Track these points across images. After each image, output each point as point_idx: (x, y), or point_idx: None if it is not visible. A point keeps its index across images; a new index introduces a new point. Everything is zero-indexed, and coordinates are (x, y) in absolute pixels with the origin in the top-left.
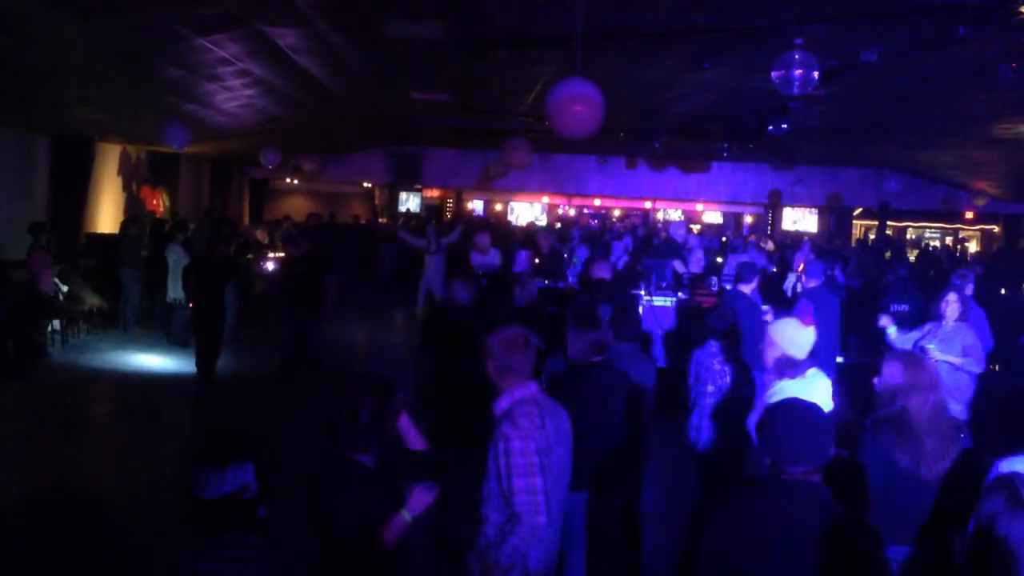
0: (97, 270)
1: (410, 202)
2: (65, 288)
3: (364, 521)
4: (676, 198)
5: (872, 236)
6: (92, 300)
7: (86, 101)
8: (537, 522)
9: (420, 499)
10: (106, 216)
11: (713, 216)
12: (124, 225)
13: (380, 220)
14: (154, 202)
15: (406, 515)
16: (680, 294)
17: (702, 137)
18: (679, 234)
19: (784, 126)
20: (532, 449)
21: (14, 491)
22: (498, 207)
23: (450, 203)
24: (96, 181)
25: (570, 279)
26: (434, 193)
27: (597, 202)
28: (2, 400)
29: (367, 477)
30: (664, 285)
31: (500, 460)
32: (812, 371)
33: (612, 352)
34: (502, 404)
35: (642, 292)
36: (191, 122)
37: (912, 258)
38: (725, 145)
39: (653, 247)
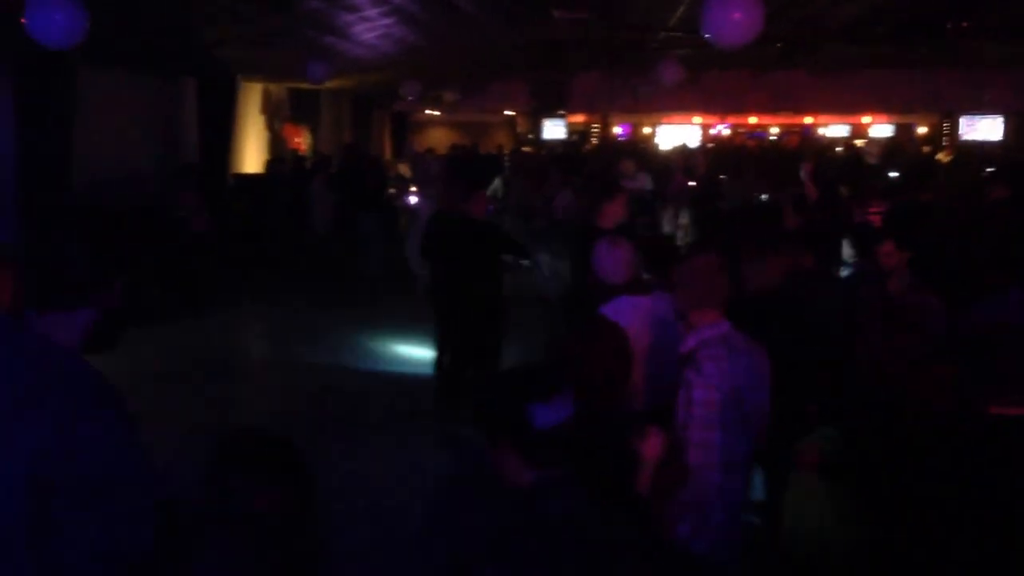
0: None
1: (555, 129)
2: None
3: None
4: (841, 112)
5: None
6: None
7: (228, 40)
8: (711, 479)
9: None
10: (251, 156)
11: (882, 129)
12: (269, 164)
13: (523, 149)
14: (297, 140)
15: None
16: None
17: (869, 42)
18: None
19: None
20: (715, 400)
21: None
22: (646, 130)
23: (595, 128)
24: (240, 121)
25: None
26: (579, 119)
27: (753, 120)
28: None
29: None
30: None
31: (680, 409)
32: None
33: None
34: (688, 343)
35: None
36: (330, 56)
37: None
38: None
39: None
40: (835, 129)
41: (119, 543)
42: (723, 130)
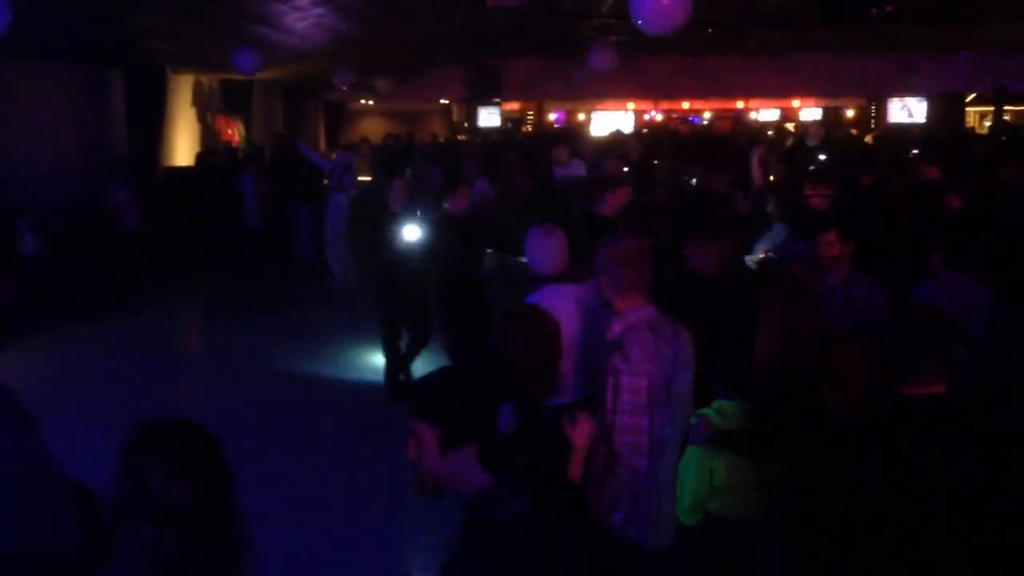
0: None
1: (490, 117)
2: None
3: None
4: (772, 96)
5: (988, 124)
6: None
7: (156, 31)
8: (638, 464)
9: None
10: (183, 149)
11: (811, 113)
12: (200, 157)
13: (459, 137)
14: (229, 131)
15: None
16: None
17: (799, 26)
18: None
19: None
20: (643, 386)
21: None
22: (581, 117)
23: (530, 115)
24: (171, 114)
25: None
26: (514, 106)
27: (686, 105)
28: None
29: None
30: None
31: (608, 395)
32: None
33: None
34: (614, 329)
35: None
36: (262, 46)
37: None
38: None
39: None
40: (766, 113)
41: (36, 542)
42: (656, 116)
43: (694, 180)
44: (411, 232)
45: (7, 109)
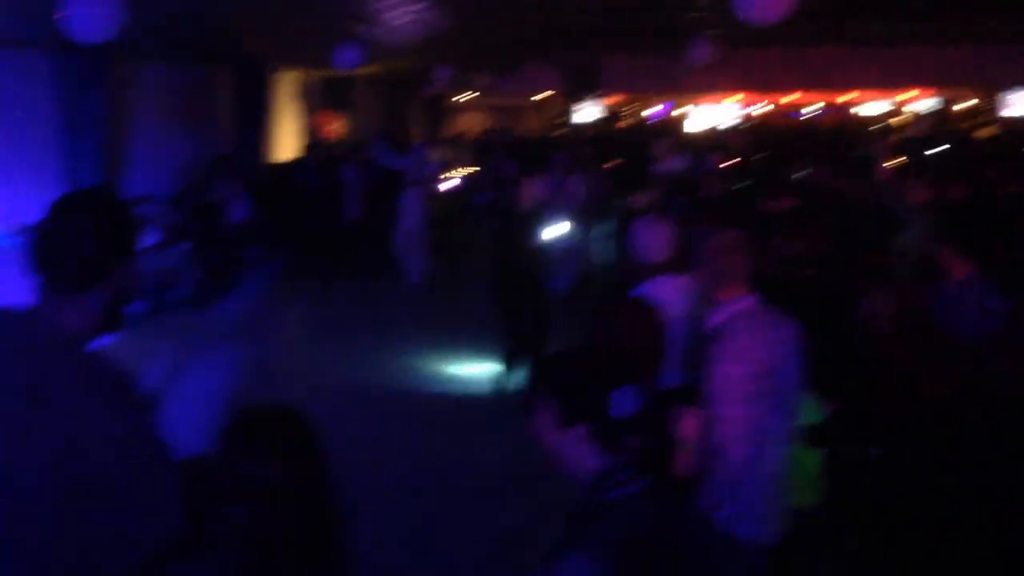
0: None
1: (586, 111)
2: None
3: None
4: (879, 88)
5: None
6: None
7: (262, 29)
8: (739, 456)
9: None
10: (285, 144)
11: (922, 105)
12: (303, 152)
13: (555, 133)
14: (330, 127)
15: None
16: None
17: (908, 14)
18: None
19: None
20: (742, 376)
21: None
22: (679, 111)
23: (627, 110)
24: (274, 110)
25: None
26: (611, 101)
27: (789, 98)
28: None
29: None
30: None
31: (707, 384)
32: None
33: None
34: (714, 319)
35: None
36: (363, 42)
37: None
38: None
39: None
40: (873, 106)
41: (146, 528)
42: (758, 109)
43: (802, 173)
44: (553, 231)
45: (122, 107)
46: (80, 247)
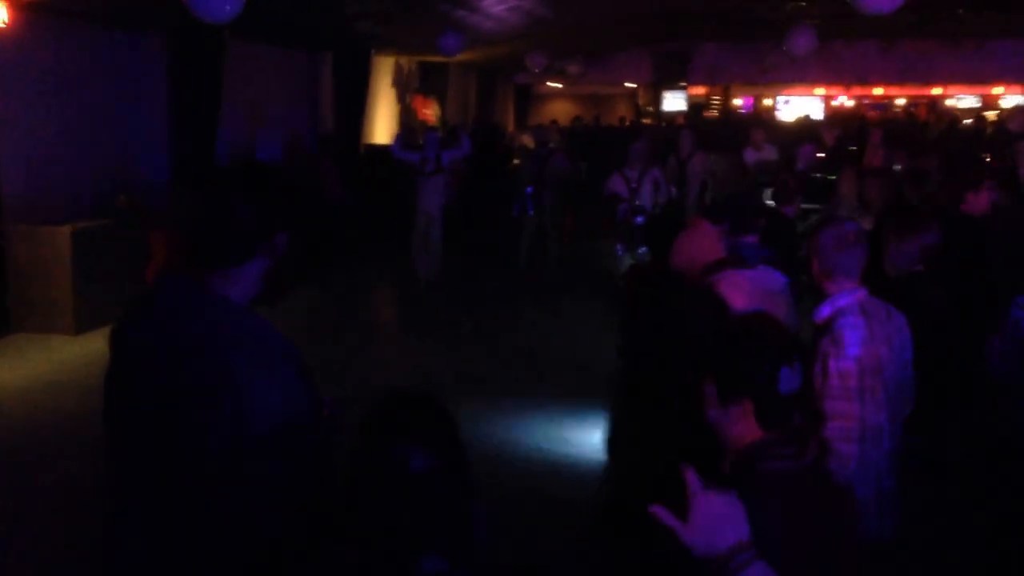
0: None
1: (675, 101)
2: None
3: None
4: (971, 82)
5: None
6: None
7: (365, 15)
8: (849, 451)
9: None
10: (381, 127)
11: (1015, 100)
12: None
13: (643, 121)
14: (425, 111)
15: None
16: None
17: (1006, 9)
18: None
19: None
20: (852, 371)
21: None
22: (767, 102)
23: (716, 99)
24: (373, 94)
25: None
26: (700, 91)
27: (878, 91)
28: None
29: None
30: None
31: (817, 379)
32: None
33: None
34: (823, 312)
35: None
36: (461, 29)
37: None
38: None
39: None
40: (965, 100)
41: (292, 489)
42: (845, 102)
43: (897, 167)
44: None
45: (234, 86)
46: (239, 223)
